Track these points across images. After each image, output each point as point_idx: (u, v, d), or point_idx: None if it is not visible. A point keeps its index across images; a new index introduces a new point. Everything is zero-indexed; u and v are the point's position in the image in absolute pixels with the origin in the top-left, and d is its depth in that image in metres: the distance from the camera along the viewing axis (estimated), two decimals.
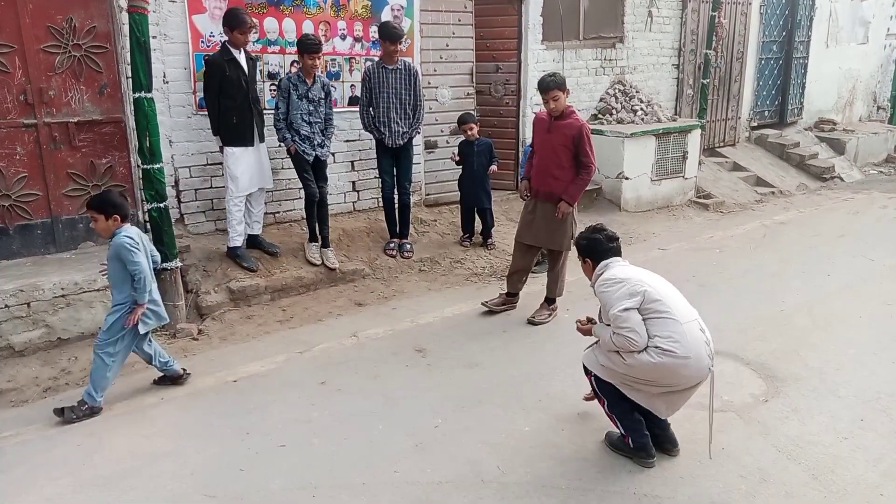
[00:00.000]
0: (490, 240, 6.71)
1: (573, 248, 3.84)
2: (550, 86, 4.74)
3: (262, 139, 5.54)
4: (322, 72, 6.18)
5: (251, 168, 5.43)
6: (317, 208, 5.81)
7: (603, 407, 3.44)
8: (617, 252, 3.47)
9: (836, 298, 5.52)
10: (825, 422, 3.70)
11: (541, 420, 3.75)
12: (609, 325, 3.24)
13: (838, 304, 5.40)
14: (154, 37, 5.23)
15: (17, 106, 5.02)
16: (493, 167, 6.50)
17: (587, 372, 3.46)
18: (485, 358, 4.53)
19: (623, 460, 3.37)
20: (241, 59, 5.28)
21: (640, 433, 3.32)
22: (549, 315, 5.13)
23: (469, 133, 6.48)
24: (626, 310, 3.12)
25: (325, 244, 5.97)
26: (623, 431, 3.36)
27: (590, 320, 3.51)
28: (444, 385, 4.17)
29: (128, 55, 4.89)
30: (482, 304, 5.30)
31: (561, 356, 4.52)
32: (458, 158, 6.61)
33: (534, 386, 4.13)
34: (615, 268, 3.36)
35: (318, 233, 5.91)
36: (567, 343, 4.72)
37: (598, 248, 3.46)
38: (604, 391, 3.37)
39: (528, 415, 3.81)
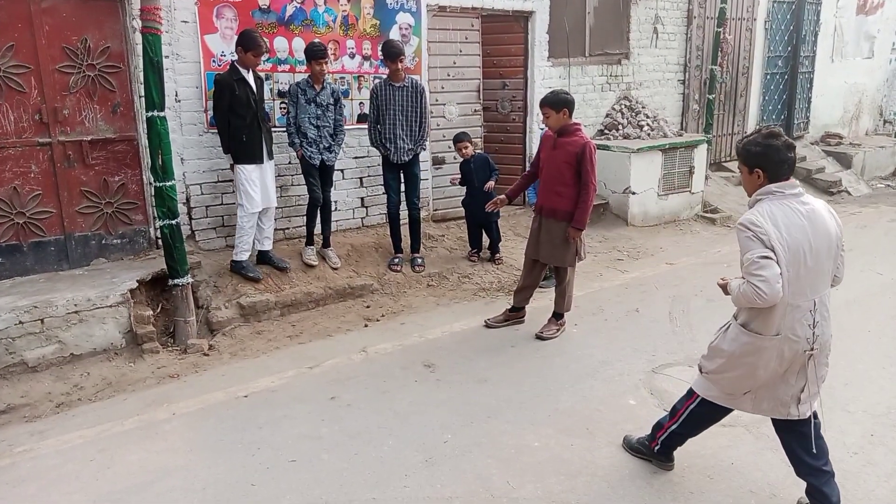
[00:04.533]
0: (497, 254, 6.73)
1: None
2: (542, 103, 4.90)
3: (270, 157, 5.62)
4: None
5: (263, 185, 5.51)
6: (320, 211, 6.02)
7: (669, 421, 3.31)
8: (793, 166, 2.87)
9: (843, 312, 5.50)
10: (835, 437, 3.68)
11: (549, 435, 3.76)
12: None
13: (846, 318, 5.39)
14: (167, 56, 5.33)
15: (32, 125, 5.11)
16: (491, 182, 6.42)
17: (690, 393, 3.26)
18: (493, 373, 4.54)
19: (632, 475, 3.37)
20: (250, 78, 5.38)
21: (672, 448, 3.37)
22: (558, 330, 5.14)
23: (464, 151, 6.46)
24: (764, 257, 2.71)
25: (325, 244, 6.19)
26: (663, 442, 3.34)
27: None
28: (453, 400, 4.18)
29: (141, 75, 4.99)
30: (485, 322, 5.34)
31: (569, 371, 4.54)
32: (458, 179, 6.63)
33: (542, 401, 4.14)
34: (772, 204, 2.80)
35: (320, 234, 6.14)
36: (576, 358, 4.75)
37: (776, 157, 2.80)
38: (692, 416, 3.21)
39: (536, 430, 3.82)
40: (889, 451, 3.57)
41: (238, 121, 5.31)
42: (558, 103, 4.81)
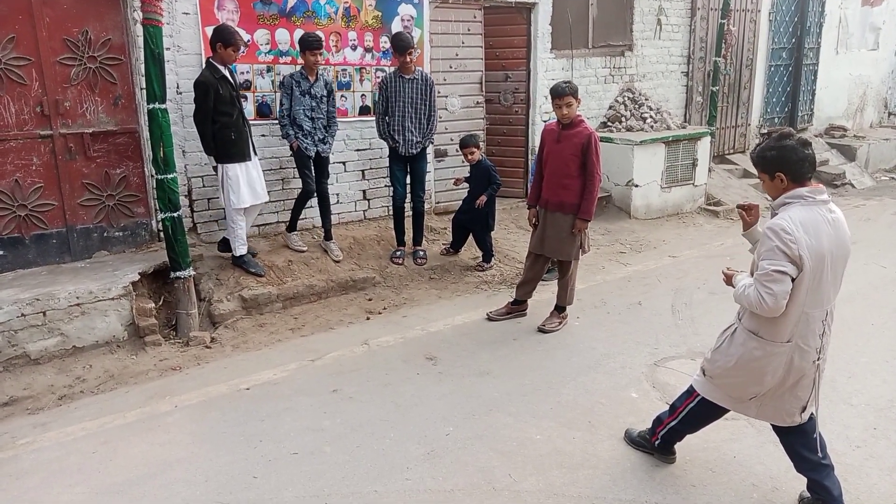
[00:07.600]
0: (486, 264, 6.42)
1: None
2: (566, 91, 4.78)
3: (255, 153, 5.51)
4: (333, 80, 6.25)
5: (250, 181, 5.39)
6: (319, 204, 6.02)
7: (668, 418, 3.31)
8: (814, 164, 2.78)
9: (847, 306, 5.47)
10: (837, 430, 3.68)
11: (551, 428, 3.76)
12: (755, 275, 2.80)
13: (849, 311, 5.36)
14: (168, 48, 5.30)
15: (33, 117, 5.10)
16: (483, 198, 6.16)
17: (690, 391, 3.24)
18: (495, 366, 4.54)
19: (634, 468, 3.37)
20: (227, 73, 5.25)
21: (672, 443, 3.38)
22: (560, 323, 5.14)
23: (469, 157, 6.25)
24: (782, 272, 2.67)
25: (327, 237, 6.19)
26: (663, 437, 3.35)
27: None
28: (455, 393, 4.18)
29: (142, 67, 4.97)
30: (487, 315, 5.33)
31: (571, 364, 4.54)
32: (462, 178, 6.51)
33: (544, 394, 4.14)
34: (803, 209, 2.71)
35: (321, 226, 6.18)
36: (578, 351, 4.74)
37: (793, 157, 2.73)
38: (691, 414, 3.20)
39: (538, 423, 3.82)
40: (891, 444, 3.56)
41: (225, 119, 5.17)
42: (577, 93, 4.82)
